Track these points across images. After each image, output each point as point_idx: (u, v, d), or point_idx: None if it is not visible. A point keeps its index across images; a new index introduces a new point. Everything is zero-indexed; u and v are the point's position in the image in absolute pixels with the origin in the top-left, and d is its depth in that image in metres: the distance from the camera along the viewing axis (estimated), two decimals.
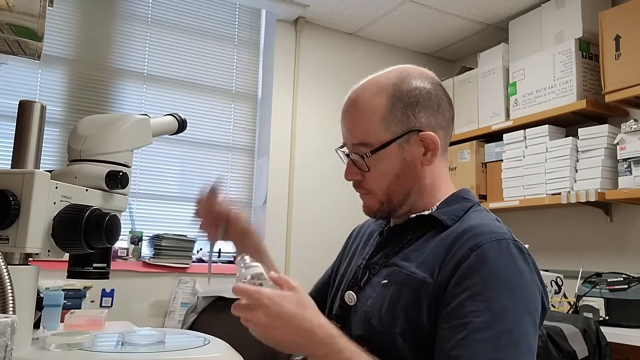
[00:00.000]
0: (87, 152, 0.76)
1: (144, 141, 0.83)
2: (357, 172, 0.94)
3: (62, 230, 0.66)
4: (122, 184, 0.74)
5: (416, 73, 0.95)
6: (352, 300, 0.93)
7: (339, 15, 3.06)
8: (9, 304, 0.59)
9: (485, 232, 0.82)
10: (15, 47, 1.16)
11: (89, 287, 1.65)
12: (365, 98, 0.93)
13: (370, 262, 0.96)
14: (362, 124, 0.92)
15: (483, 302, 0.76)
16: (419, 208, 0.94)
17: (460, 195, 0.96)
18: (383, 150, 0.90)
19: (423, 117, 0.92)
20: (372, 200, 0.95)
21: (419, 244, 0.90)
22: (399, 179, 0.92)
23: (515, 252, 0.81)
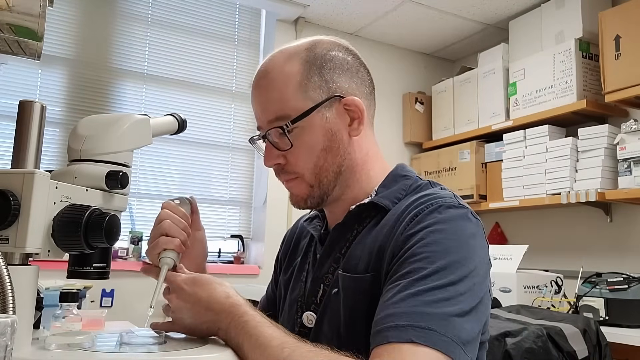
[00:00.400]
0: (87, 152, 0.76)
1: (144, 141, 0.83)
2: (277, 155, 0.83)
3: (62, 230, 0.66)
4: (122, 184, 0.74)
5: (329, 40, 0.87)
6: (311, 321, 0.84)
7: (339, 15, 3.06)
8: (9, 304, 0.59)
9: (426, 200, 0.77)
10: (15, 47, 1.16)
11: (89, 287, 1.65)
12: (276, 67, 0.83)
13: (320, 273, 0.85)
14: (276, 95, 0.81)
15: (418, 262, 0.69)
16: (354, 193, 0.86)
17: (397, 173, 0.87)
18: (305, 119, 0.80)
19: (343, 81, 0.83)
20: (301, 186, 0.84)
21: (362, 236, 0.82)
22: (326, 153, 0.82)
23: (455, 213, 0.75)
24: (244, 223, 3.09)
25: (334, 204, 0.88)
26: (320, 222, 0.95)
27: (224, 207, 3.04)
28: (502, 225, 3.14)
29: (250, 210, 3.11)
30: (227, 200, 3.05)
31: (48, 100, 2.58)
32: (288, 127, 0.80)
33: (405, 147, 3.45)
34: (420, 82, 3.53)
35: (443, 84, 3.33)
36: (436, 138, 3.34)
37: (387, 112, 3.37)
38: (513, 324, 1.39)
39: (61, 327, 0.81)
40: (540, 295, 2.17)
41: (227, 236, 3.04)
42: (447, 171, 3.15)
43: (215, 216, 3.01)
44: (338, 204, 0.87)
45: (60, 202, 0.68)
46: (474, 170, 2.97)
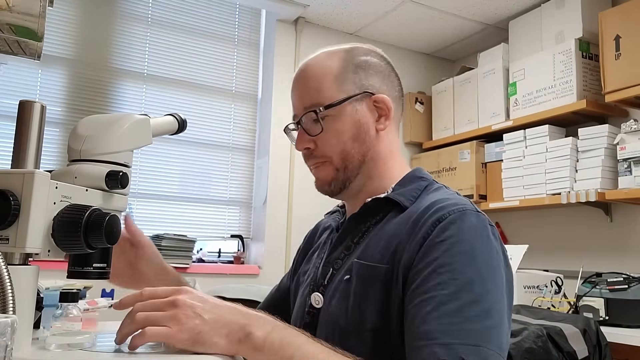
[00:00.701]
0: (87, 152, 0.76)
1: (144, 141, 0.83)
2: (309, 140, 0.91)
3: (62, 230, 0.66)
4: (122, 184, 0.73)
5: (366, 47, 0.97)
6: (319, 302, 0.89)
7: (339, 15, 3.06)
8: (9, 304, 0.59)
9: (447, 206, 0.80)
10: (15, 47, 1.16)
11: (89, 287, 1.64)
12: (317, 63, 0.93)
13: (331, 258, 0.92)
14: (314, 85, 0.91)
15: (448, 273, 0.72)
16: (373, 186, 0.92)
17: (414, 175, 0.94)
18: (337, 107, 0.89)
19: (375, 82, 0.93)
20: (327, 170, 0.92)
21: (378, 229, 0.87)
22: (353, 141, 0.90)
23: (478, 223, 0.79)
24: (244, 223, 3.09)
25: (354, 197, 0.94)
26: (340, 216, 1.02)
27: (224, 207, 3.04)
28: (502, 225, 3.15)
29: (250, 210, 3.11)
30: (227, 200, 3.05)
31: (48, 100, 2.58)
32: (321, 111, 0.89)
33: (405, 147, 3.45)
34: (420, 82, 3.53)
35: (443, 84, 3.33)
36: (436, 138, 3.34)
37: None
38: (513, 323, 1.38)
39: (61, 327, 0.81)
40: (540, 295, 2.17)
41: (227, 236, 3.04)
42: (447, 171, 3.15)
43: (215, 216, 3.01)
44: (358, 196, 0.93)
45: (60, 202, 0.67)
46: (474, 170, 2.97)
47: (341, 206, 1.04)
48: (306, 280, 0.97)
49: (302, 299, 0.95)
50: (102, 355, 0.69)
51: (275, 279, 3.29)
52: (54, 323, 0.81)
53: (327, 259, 0.93)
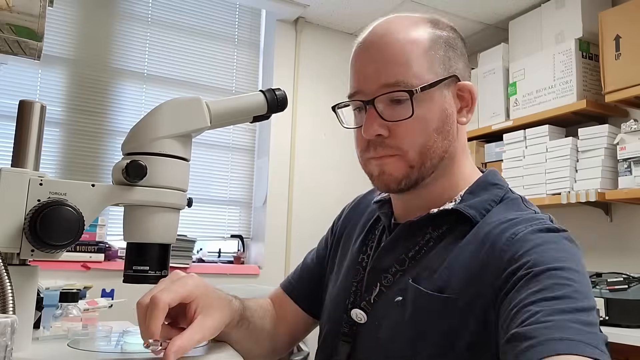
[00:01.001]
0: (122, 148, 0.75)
1: (189, 125, 0.74)
2: (382, 124, 0.74)
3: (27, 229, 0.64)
4: (128, 174, 0.69)
5: (447, 22, 0.82)
6: (361, 319, 0.78)
7: (339, 15, 3.06)
8: (9, 304, 0.59)
9: (525, 219, 0.69)
10: (15, 47, 1.16)
11: (89, 287, 1.64)
12: (402, 30, 0.75)
13: (380, 268, 0.78)
14: (401, 58, 0.73)
15: (546, 291, 0.59)
16: (441, 186, 0.78)
17: (488, 180, 0.79)
18: (429, 91, 0.73)
19: (460, 65, 0.78)
20: (399, 164, 0.75)
21: (441, 248, 0.74)
22: (437, 135, 0.74)
23: (562, 235, 0.69)
24: (244, 223, 3.09)
25: (415, 197, 0.79)
26: (390, 209, 0.85)
27: (224, 207, 3.04)
28: None
29: (250, 210, 3.11)
30: (227, 200, 3.05)
31: (48, 100, 2.58)
32: (417, 92, 0.72)
33: None
34: None
35: None
36: None
37: None
38: None
39: (61, 327, 0.81)
40: None
41: (227, 236, 3.04)
42: None
43: (215, 216, 3.01)
44: (419, 196, 0.79)
45: (48, 199, 0.65)
46: None
47: (388, 198, 0.87)
48: (346, 279, 0.85)
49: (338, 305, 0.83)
50: (101, 355, 0.69)
51: (275, 279, 3.27)
52: (54, 323, 0.81)
53: (374, 267, 0.80)
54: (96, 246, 2.42)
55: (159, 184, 0.72)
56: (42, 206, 0.63)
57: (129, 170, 0.69)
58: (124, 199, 0.71)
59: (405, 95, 0.72)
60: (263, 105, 0.83)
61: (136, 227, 0.73)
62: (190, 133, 0.76)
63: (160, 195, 0.72)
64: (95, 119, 2.72)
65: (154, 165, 0.71)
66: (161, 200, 0.72)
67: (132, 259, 0.73)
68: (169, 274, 0.94)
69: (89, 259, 2.40)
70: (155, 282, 0.73)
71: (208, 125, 0.77)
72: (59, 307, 0.85)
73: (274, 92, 0.84)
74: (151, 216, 0.72)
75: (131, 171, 0.69)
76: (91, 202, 0.69)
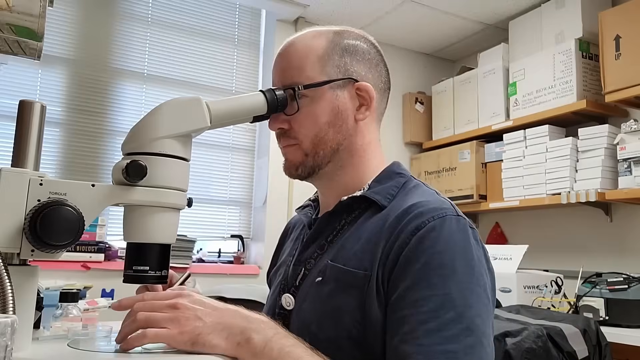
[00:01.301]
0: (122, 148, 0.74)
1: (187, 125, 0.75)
2: (283, 120, 0.86)
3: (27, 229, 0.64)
4: (128, 174, 0.69)
5: (358, 32, 0.92)
6: (289, 304, 0.84)
7: (339, 15, 3.06)
8: (9, 304, 0.59)
9: (426, 211, 0.76)
10: (15, 47, 1.16)
11: (89, 287, 1.64)
12: (302, 41, 0.88)
13: (303, 257, 0.87)
14: (296, 62, 0.86)
15: (427, 288, 0.70)
16: (347, 177, 0.88)
17: (392, 170, 0.90)
18: (316, 89, 0.84)
19: (361, 69, 0.88)
20: (297, 153, 0.86)
21: (354, 230, 0.83)
22: (329, 127, 0.85)
23: (458, 229, 0.75)
24: (244, 223, 3.09)
25: (326, 185, 0.91)
26: (312, 210, 0.97)
27: (224, 207, 3.04)
28: (502, 225, 3.14)
29: (250, 210, 3.11)
30: (227, 200, 3.05)
31: (48, 100, 2.58)
32: (300, 89, 0.84)
33: (405, 147, 3.45)
34: (420, 82, 3.53)
35: (443, 84, 3.33)
36: (436, 138, 3.34)
37: (387, 112, 3.34)
38: (513, 324, 1.38)
39: (61, 327, 0.81)
40: (540, 295, 2.17)
41: (227, 236, 3.04)
42: (447, 171, 3.15)
43: (215, 216, 3.01)
44: (331, 186, 0.90)
45: (48, 199, 0.65)
46: (474, 170, 2.97)
47: (313, 200, 1.00)
48: (277, 279, 0.93)
49: (273, 298, 0.91)
50: (102, 355, 0.69)
51: None
52: (54, 323, 0.81)
53: (298, 257, 0.89)
54: (96, 246, 2.42)
55: (159, 184, 0.72)
56: (42, 206, 0.63)
57: (129, 170, 0.69)
58: (124, 199, 0.71)
59: (292, 92, 0.84)
60: (263, 105, 0.84)
61: (136, 227, 0.72)
62: (190, 133, 0.76)
63: (160, 195, 0.72)
64: (95, 119, 2.72)
65: (154, 165, 0.71)
66: (161, 200, 0.72)
67: (132, 259, 0.72)
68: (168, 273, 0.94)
69: (89, 259, 2.40)
70: (155, 282, 0.73)
71: (208, 125, 0.77)
72: (59, 307, 0.84)
73: (274, 92, 0.85)
74: (151, 216, 0.72)
75: (131, 171, 0.69)
76: (91, 202, 0.69)
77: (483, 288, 0.73)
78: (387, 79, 0.94)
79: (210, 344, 0.67)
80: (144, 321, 0.67)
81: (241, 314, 0.71)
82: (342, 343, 0.75)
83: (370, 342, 0.74)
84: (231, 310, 0.71)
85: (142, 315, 0.68)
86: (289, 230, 1.07)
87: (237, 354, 0.67)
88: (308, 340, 0.73)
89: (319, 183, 0.92)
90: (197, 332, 0.67)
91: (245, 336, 0.68)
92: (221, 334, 0.67)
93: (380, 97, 0.91)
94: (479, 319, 0.70)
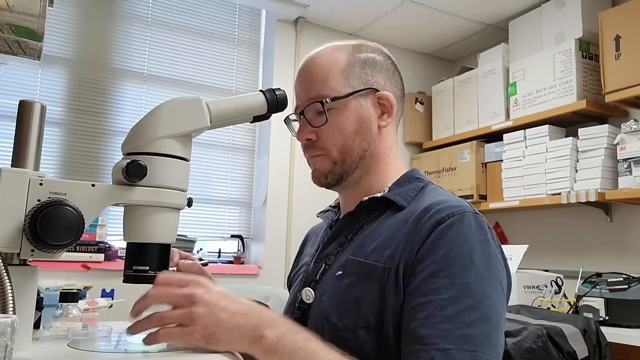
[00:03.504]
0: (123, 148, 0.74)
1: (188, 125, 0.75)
2: (311, 131, 0.91)
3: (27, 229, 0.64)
4: (128, 174, 0.69)
5: (374, 45, 0.97)
6: (309, 297, 0.88)
7: (339, 15, 3.06)
8: (9, 304, 0.59)
9: (446, 208, 0.79)
10: (15, 47, 1.16)
11: (89, 287, 1.64)
12: (325, 55, 0.93)
13: (324, 254, 0.91)
14: (320, 76, 0.90)
15: (446, 278, 0.73)
16: (370, 183, 0.93)
17: (411, 175, 0.94)
18: (342, 101, 0.89)
19: (380, 79, 0.93)
20: (325, 162, 0.91)
21: (374, 228, 0.87)
22: (355, 136, 0.90)
23: (476, 225, 0.79)
24: (244, 223, 3.09)
25: (350, 191, 0.94)
26: (333, 215, 1.02)
27: (224, 207, 3.04)
28: (502, 225, 3.14)
29: (250, 210, 3.11)
30: (227, 200, 3.05)
31: (48, 100, 2.58)
32: (327, 103, 0.88)
33: (405, 147, 3.45)
34: (420, 82, 3.53)
35: (443, 84, 3.33)
36: (436, 138, 3.34)
37: None
38: (513, 324, 1.39)
39: (61, 327, 0.81)
40: (540, 295, 2.17)
41: (227, 236, 3.04)
42: (447, 171, 3.15)
43: (215, 216, 3.01)
44: (354, 191, 0.94)
45: (48, 198, 0.65)
46: (474, 171, 2.97)
47: (334, 206, 1.04)
48: (298, 277, 0.96)
49: (294, 294, 0.94)
50: (101, 356, 0.69)
51: (275, 279, 3.27)
52: (54, 323, 0.81)
53: (319, 255, 0.92)
54: (96, 246, 2.42)
55: (159, 184, 0.72)
56: (42, 206, 0.63)
57: (129, 170, 0.69)
58: (124, 198, 0.71)
59: (320, 105, 0.89)
60: (263, 105, 0.84)
61: (136, 227, 0.73)
62: (190, 133, 0.76)
63: (160, 195, 0.72)
64: (95, 119, 2.72)
65: (154, 165, 0.71)
66: (161, 200, 0.72)
67: (132, 259, 0.73)
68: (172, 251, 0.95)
69: (89, 259, 2.40)
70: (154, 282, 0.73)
71: (208, 125, 0.77)
72: (59, 307, 0.84)
73: (274, 92, 0.86)
74: (151, 216, 0.72)
75: (131, 171, 0.69)
76: (91, 202, 0.69)
77: (499, 281, 0.76)
78: (402, 86, 0.99)
79: (223, 342, 0.68)
80: (157, 321, 0.68)
81: (256, 312, 0.71)
82: (359, 333, 0.77)
83: (388, 332, 0.76)
84: (245, 306, 0.71)
85: (156, 317, 0.68)
86: (309, 237, 1.11)
87: (251, 351, 0.68)
88: (327, 329, 0.77)
89: (345, 189, 0.95)
90: (209, 331, 0.67)
91: (258, 333, 0.68)
92: (234, 332, 0.68)
93: (398, 104, 0.96)
94: (494, 310, 0.73)
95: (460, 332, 0.69)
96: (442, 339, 0.68)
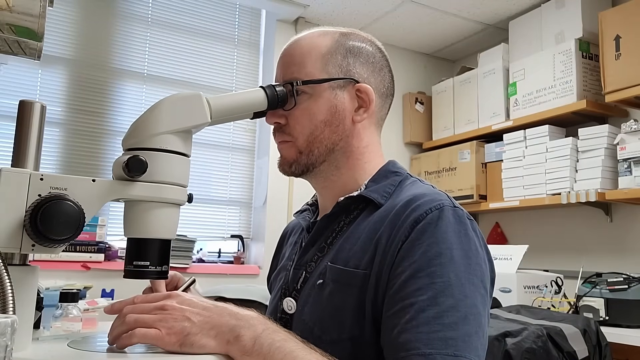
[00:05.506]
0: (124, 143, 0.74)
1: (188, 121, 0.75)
2: (280, 114, 0.87)
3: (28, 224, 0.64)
4: (129, 169, 0.69)
5: (365, 35, 0.93)
6: (291, 307, 0.84)
7: (339, 15, 3.06)
8: (9, 304, 0.59)
9: (424, 204, 0.76)
10: (15, 47, 1.16)
11: (89, 287, 1.65)
12: (308, 38, 0.89)
13: (303, 261, 0.87)
14: (299, 58, 0.86)
15: (425, 277, 0.70)
16: (344, 179, 0.88)
17: (387, 169, 0.89)
18: (314, 87, 0.84)
19: (364, 71, 0.88)
20: (291, 150, 0.87)
21: (352, 230, 0.83)
22: (325, 126, 0.85)
23: (455, 220, 0.75)
24: (244, 223, 3.09)
25: (323, 186, 0.91)
26: (310, 214, 0.97)
27: (224, 207, 3.04)
28: (502, 225, 3.14)
29: (250, 210, 3.11)
30: (227, 200, 3.05)
31: (48, 100, 2.58)
32: (297, 84, 0.84)
33: (405, 147, 3.45)
34: (420, 82, 3.53)
35: (443, 84, 3.33)
36: (436, 138, 3.34)
37: None
38: (513, 324, 1.39)
39: (61, 327, 0.81)
40: (540, 295, 2.17)
41: (227, 236, 3.04)
42: (447, 171, 3.15)
43: (215, 216, 3.01)
44: (328, 187, 0.90)
45: (48, 194, 0.65)
46: (474, 171, 2.97)
47: (311, 204, 1.00)
48: (278, 283, 0.93)
49: (274, 303, 0.91)
50: (101, 356, 0.69)
51: None
52: (54, 323, 0.81)
53: (298, 261, 0.89)
54: (96, 246, 2.42)
55: (159, 180, 0.72)
56: (42, 200, 0.63)
57: (130, 166, 0.69)
58: (125, 194, 0.71)
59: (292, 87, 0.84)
60: (263, 101, 0.84)
61: (136, 222, 0.72)
62: (190, 129, 0.76)
63: (160, 190, 0.72)
64: (95, 119, 2.72)
65: (154, 161, 0.71)
66: (161, 195, 0.72)
67: (132, 254, 0.73)
68: (175, 276, 0.94)
69: (89, 259, 2.40)
70: (155, 277, 0.73)
71: (208, 120, 0.77)
72: (59, 307, 0.84)
73: (274, 88, 0.85)
74: (151, 211, 0.72)
75: (131, 166, 0.69)
76: (91, 197, 0.69)
77: (480, 278, 0.74)
78: (390, 84, 0.93)
79: (199, 343, 0.66)
80: (133, 322, 0.67)
81: (230, 312, 0.70)
82: (345, 345, 0.75)
83: (371, 341, 0.74)
84: (219, 308, 0.70)
85: (131, 318, 0.68)
86: (287, 235, 1.07)
87: (228, 352, 0.67)
88: (312, 343, 0.72)
89: (315, 181, 0.92)
90: (185, 333, 0.66)
91: (234, 334, 0.67)
92: (210, 333, 0.67)
93: (382, 102, 0.91)
94: (475, 309, 0.71)
95: (441, 334, 0.67)
96: (423, 344, 0.67)
